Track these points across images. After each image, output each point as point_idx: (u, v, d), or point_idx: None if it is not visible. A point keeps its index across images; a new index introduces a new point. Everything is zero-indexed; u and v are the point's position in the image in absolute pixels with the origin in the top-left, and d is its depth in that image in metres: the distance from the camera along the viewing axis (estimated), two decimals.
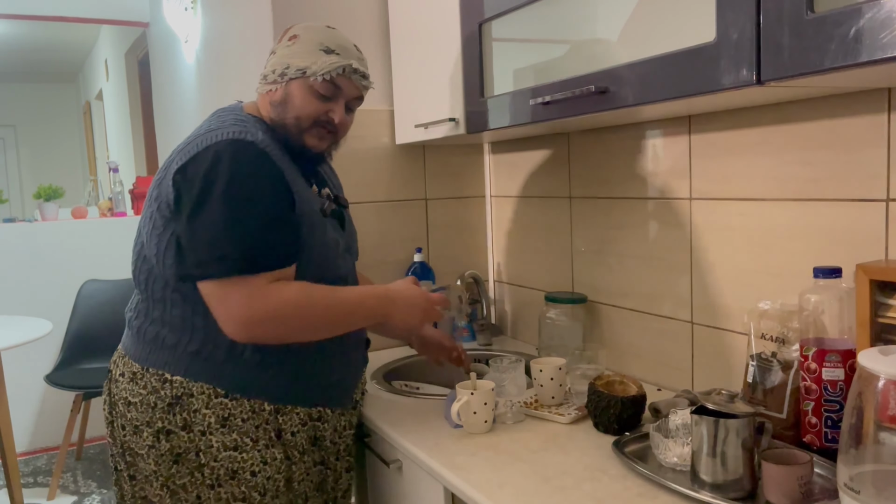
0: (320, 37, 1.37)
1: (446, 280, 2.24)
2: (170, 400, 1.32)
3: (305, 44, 1.36)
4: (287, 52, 1.37)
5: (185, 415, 1.31)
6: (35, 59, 6.92)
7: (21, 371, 3.61)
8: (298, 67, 1.34)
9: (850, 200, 1.23)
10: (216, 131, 1.29)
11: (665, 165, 1.59)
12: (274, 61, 1.38)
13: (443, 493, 1.29)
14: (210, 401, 1.31)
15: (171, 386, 1.32)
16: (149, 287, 1.35)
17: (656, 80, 1.14)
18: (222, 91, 2.76)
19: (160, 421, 1.32)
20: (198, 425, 1.31)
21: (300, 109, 1.36)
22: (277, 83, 1.37)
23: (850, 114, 1.21)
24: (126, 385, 1.37)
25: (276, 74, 1.37)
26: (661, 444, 1.18)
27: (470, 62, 1.67)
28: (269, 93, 1.38)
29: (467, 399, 1.37)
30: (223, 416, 1.32)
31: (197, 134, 1.32)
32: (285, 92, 1.36)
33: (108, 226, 4.09)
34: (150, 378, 1.34)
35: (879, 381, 0.88)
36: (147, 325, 1.36)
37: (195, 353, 1.32)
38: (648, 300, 1.67)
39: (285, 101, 1.36)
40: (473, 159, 2.29)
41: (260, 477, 1.34)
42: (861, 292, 1.09)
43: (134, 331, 1.38)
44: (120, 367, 1.40)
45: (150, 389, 1.33)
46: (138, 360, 1.36)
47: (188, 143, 1.30)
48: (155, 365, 1.33)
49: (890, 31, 0.80)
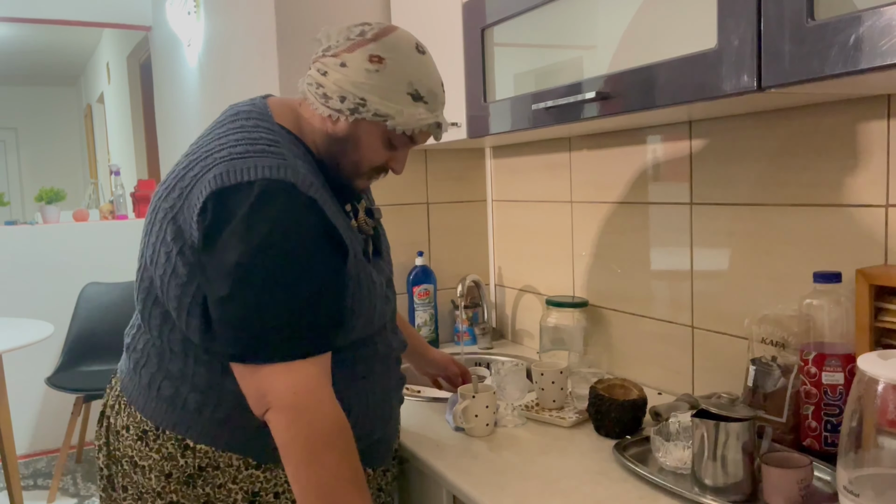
0: (411, 73, 1.12)
1: (447, 283, 2.25)
2: (191, 471, 1.11)
3: (391, 77, 1.10)
4: (365, 79, 1.09)
5: (209, 489, 1.12)
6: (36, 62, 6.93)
7: (22, 373, 3.61)
8: (378, 112, 1.10)
9: (850, 206, 1.23)
10: (247, 160, 1.03)
11: (666, 170, 1.60)
12: (343, 82, 1.10)
13: (445, 495, 1.29)
14: (239, 474, 1.12)
15: (193, 455, 1.11)
16: (163, 334, 1.12)
17: (658, 85, 1.15)
18: (225, 94, 2.77)
19: (174, 493, 1.12)
20: (221, 502, 1.12)
21: (364, 156, 1.15)
22: (344, 115, 1.11)
23: (850, 120, 1.22)
24: (133, 443, 1.15)
25: (344, 105, 1.10)
26: (662, 448, 1.19)
27: (472, 67, 1.68)
28: (329, 119, 1.12)
29: (469, 402, 1.38)
30: (252, 491, 1.12)
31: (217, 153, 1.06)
32: (352, 131, 1.13)
33: (109, 229, 4.10)
34: (165, 441, 1.12)
35: (879, 385, 0.88)
36: (161, 378, 1.13)
37: (224, 419, 1.11)
38: (649, 304, 1.68)
39: (348, 140, 1.13)
40: (475, 163, 2.30)
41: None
42: (861, 297, 1.09)
43: (143, 379, 1.15)
44: (123, 417, 1.17)
45: (166, 455, 1.12)
46: (151, 417, 1.13)
47: (208, 168, 1.04)
48: (174, 428, 1.12)
49: (889, 38, 0.81)
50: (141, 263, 1.14)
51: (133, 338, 1.20)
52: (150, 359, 1.15)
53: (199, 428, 1.11)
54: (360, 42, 1.10)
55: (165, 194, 1.10)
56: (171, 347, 1.12)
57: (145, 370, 1.15)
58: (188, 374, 1.11)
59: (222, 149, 1.06)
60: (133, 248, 1.29)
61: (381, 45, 1.11)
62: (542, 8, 1.43)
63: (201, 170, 1.05)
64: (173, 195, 1.08)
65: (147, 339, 1.16)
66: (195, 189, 1.04)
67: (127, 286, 3.86)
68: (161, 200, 1.10)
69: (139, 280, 1.15)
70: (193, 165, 1.07)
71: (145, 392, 1.14)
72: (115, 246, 4.03)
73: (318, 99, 1.12)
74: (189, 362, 1.11)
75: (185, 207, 1.05)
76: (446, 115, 1.81)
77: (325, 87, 1.11)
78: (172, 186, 1.09)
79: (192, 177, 1.06)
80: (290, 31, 2.01)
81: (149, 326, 1.14)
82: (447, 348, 2.15)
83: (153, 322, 1.13)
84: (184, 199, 1.06)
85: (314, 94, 1.12)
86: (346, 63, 1.10)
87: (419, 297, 2.15)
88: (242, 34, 2.42)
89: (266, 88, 2.13)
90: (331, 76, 1.11)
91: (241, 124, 1.11)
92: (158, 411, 1.13)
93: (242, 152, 1.04)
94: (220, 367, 1.09)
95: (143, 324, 1.16)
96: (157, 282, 1.09)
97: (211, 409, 1.11)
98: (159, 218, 1.09)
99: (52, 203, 4.07)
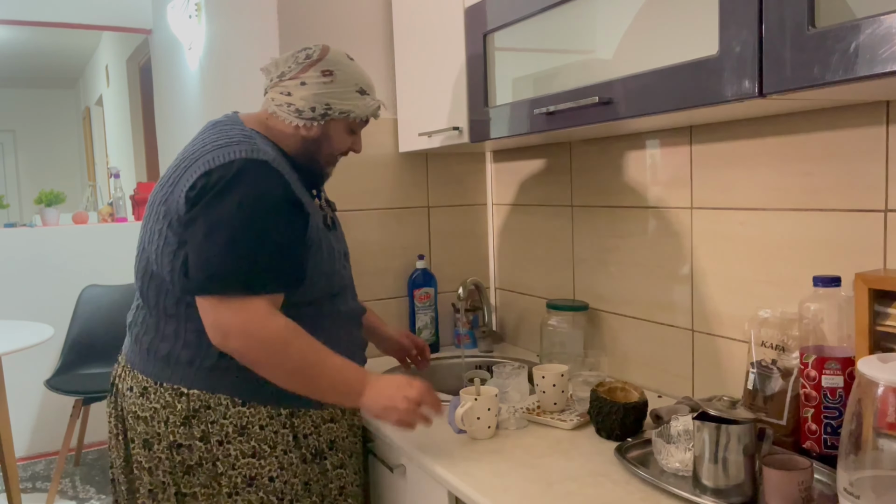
0: (354, 77, 1.42)
1: (448, 286, 2.26)
2: (186, 413, 1.32)
3: (342, 84, 1.40)
4: (325, 90, 1.38)
5: (203, 427, 1.33)
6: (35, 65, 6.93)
7: (21, 376, 3.61)
8: (342, 110, 1.40)
9: (850, 211, 1.25)
10: (228, 148, 1.29)
11: (666, 175, 1.61)
12: (309, 97, 1.38)
13: (447, 497, 1.30)
14: (228, 411, 1.33)
15: (187, 399, 1.32)
16: (159, 303, 1.34)
17: (659, 91, 1.16)
18: (226, 98, 2.77)
19: (172, 434, 1.33)
20: (215, 436, 1.33)
21: (335, 146, 1.45)
22: (316, 121, 1.39)
23: (850, 126, 1.23)
24: (135, 400, 1.36)
25: (315, 113, 1.39)
26: (664, 450, 1.20)
27: (474, 72, 1.69)
28: (303, 127, 1.40)
29: (471, 404, 1.39)
30: (241, 425, 1.33)
31: (201, 149, 1.32)
32: (323, 131, 1.41)
33: (108, 231, 4.10)
34: (163, 392, 1.34)
35: (879, 388, 0.90)
36: (158, 341, 1.35)
37: (212, 367, 1.32)
38: (649, 308, 1.69)
39: (322, 138, 1.42)
40: (476, 167, 2.31)
41: (278, 482, 1.36)
42: (860, 301, 1.11)
43: (142, 347, 1.37)
44: (127, 381, 1.39)
45: (164, 404, 1.33)
46: (150, 375, 1.35)
47: (196, 159, 1.30)
48: (170, 380, 1.34)
49: (889, 46, 0.83)
50: (140, 247, 1.38)
51: (133, 316, 1.43)
52: (148, 328, 1.37)
53: (192, 377, 1.33)
54: (310, 63, 1.39)
55: (159, 190, 1.35)
56: (167, 312, 1.34)
57: (145, 338, 1.37)
58: (181, 332, 1.33)
59: (205, 145, 1.32)
60: (133, 250, 1.42)
61: (327, 62, 1.40)
62: (544, 13, 1.44)
63: (189, 163, 1.31)
64: (167, 186, 1.33)
65: (145, 313, 1.38)
66: (184, 176, 1.29)
67: (126, 288, 3.86)
68: (157, 194, 1.35)
69: (138, 261, 1.38)
70: (182, 163, 1.33)
71: (145, 356, 1.37)
72: (115, 248, 4.03)
73: (292, 114, 1.39)
74: (181, 322, 1.33)
75: (175, 191, 1.29)
76: (446, 120, 1.84)
77: (294, 104, 1.39)
78: (166, 182, 1.34)
79: (181, 169, 1.31)
80: (293, 36, 2.02)
81: (146, 299, 1.37)
82: (448, 351, 2.16)
83: (150, 293, 1.36)
84: (174, 186, 1.30)
85: (286, 111, 1.40)
86: (306, 81, 1.39)
87: (420, 300, 2.15)
88: (244, 38, 2.42)
89: None
90: (296, 94, 1.39)
91: (220, 129, 1.38)
92: (156, 369, 1.35)
93: (224, 144, 1.31)
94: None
95: (142, 299, 1.38)
96: (153, 256, 1.32)
97: (200, 360, 1.33)
98: (155, 207, 1.34)
99: (52, 205, 4.07)
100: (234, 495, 1.34)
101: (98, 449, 3.97)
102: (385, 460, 1.53)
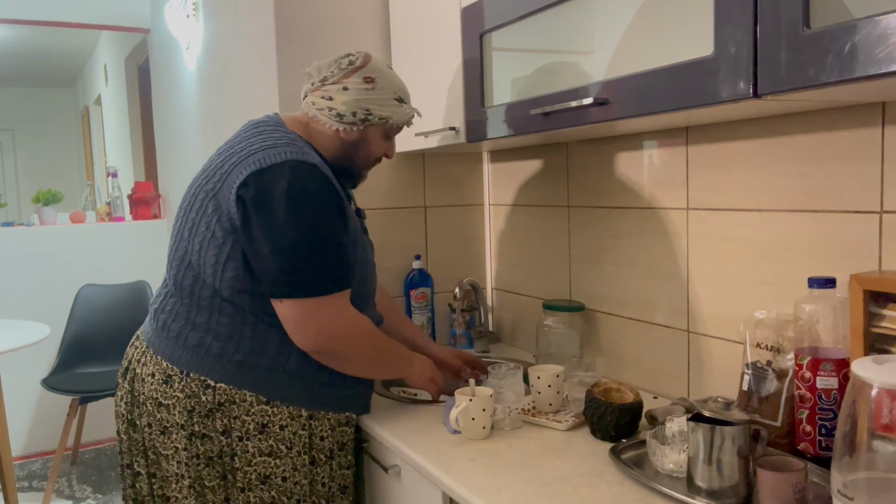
0: (393, 85, 1.49)
1: (444, 286, 2.25)
2: (211, 406, 1.36)
3: (382, 91, 1.47)
4: (366, 96, 1.45)
5: (226, 420, 1.37)
6: (34, 64, 6.93)
7: (18, 375, 3.61)
8: (381, 116, 1.47)
9: (845, 212, 1.24)
10: (278, 149, 1.33)
11: (662, 176, 1.61)
12: (350, 101, 1.44)
13: (441, 498, 1.30)
14: (251, 408, 1.37)
15: (213, 392, 1.36)
16: (194, 293, 1.38)
17: (655, 92, 1.16)
18: (224, 97, 2.77)
19: (197, 425, 1.36)
20: (236, 431, 1.37)
21: (372, 150, 1.52)
22: (356, 126, 1.46)
23: (845, 127, 1.23)
24: (158, 386, 1.39)
25: (356, 118, 1.45)
26: (658, 451, 1.19)
27: (470, 72, 1.69)
28: (344, 131, 1.46)
29: (466, 405, 1.38)
30: (262, 423, 1.38)
31: (248, 148, 1.35)
32: (362, 135, 1.48)
33: (106, 230, 4.09)
34: (189, 382, 1.37)
35: (873, 389, 0.89)
36: (188, 330, 1.38)
37: (241, 362, 1.36)
38: (645, 309, 1.69)
39: (360, 143, 1.49)
40: (472, 168, 2.31)
41: (289, 482, 1.41)
42: (855, 302, 1.10)
43: (171, 334, 1.40)
44: (149, 366, 1.41)
45: (189, 394, 1.36)
46: (176, 363, 1.38)
47: (245, 157, 1.33)
48: (197, 371, 1.37)
49: (884, 47, 0.82)
50: (177, 238, 1.42)
51: (160, 303, 1.45)
52: (177, 316, 1.40)
53: (220, 370, 1.36)
54: (353, 69, 1.45)
55: (204, 182, 1.38)
56: (201, 303, 1.37)
57: (174, 325, 1.40)
58: (212, 324, 1.37)
59: (252, 145, 1.36)
60: (130, 249, 1.45)
61: (369, 69, 1.46)
62: (541, 14, 1.44)
63: (237, 160, 1.34)
64: (213, 180, 1.36)
65: (175, 301, 1.42)
66: (233, 174, 1.33)
67: (123, 288, 3.86)
68: (199, 187, 1.39)
69: (174, 251, 1.42)
70: (228, 159, 1.36)
71: (173, 344, 1.39)
72: (112, 248, 4.03)
73: (333, 118, 1.45)
74: (214, 314, 1.37)
75: (223, 187, 1.33)
76: (443, 120, 1.84)
77: (336, 108, 1.44)
78: (211, 175, 1.37)
79: (229, 165, 1.35)
80: (290, 35, 2.02)
81: (180, 287, 1.40)
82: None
83: (185, 282, 1.39)
84: (222, 182, 1.34)
85: (327, 115, 1.45)
86: (348, 87, 1.44)
87: (416, 300, 2.15)
88: (242, 37, 2.42)
89: (265, 91, 2.14)
90: (337, 98, 1.44)
91: (263, 129, 1.42)
92: (184, 357, 1.37)
93: (271, 145, 1.35)
94: (240, 318, 1.36)
95: (174, 287, 1.42)
96: (196, 247, 1.36)
97: (231, 353, 1.36)
98: (199, 198, 1.37)
99: (50, 204, 4.07)
100: (247, 491, 1.38)
101: (94, 448, 3.97)
102: (379, 460, 1.53)
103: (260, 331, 1.37)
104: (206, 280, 1.36)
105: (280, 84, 2.01)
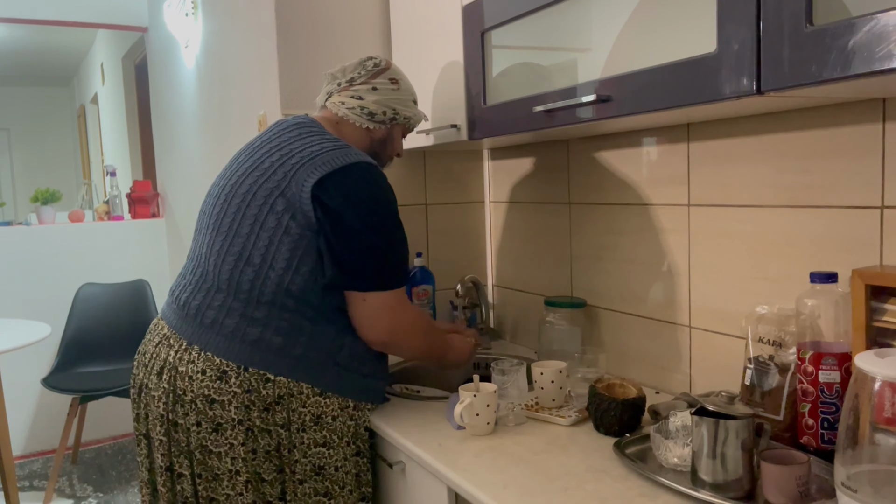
0: (410, 88, 1.64)
1: (446, 283, 2.26)
2: (270, 399, 1.39)
3: (404, 93, 1.61)
4: (393, 96, 1.58)
5: (285, 413, 1.40)
6: (30, 63, 6.91)
7: (18, 374, 3.61)
8: (406, 116, 1.61)
9: (846, 207, 1.25)
10: (342, 150, 1.42)
11: (664, 172, 1.62)
12: (380, 101, 1.56)
13: (447, 493, 1.31)
14: (308, 399, 1.41)
15: (274, 386, 1.39)
16: (254, 289, 1.40)
17: (658, 89, 1.16)
18: (224, 96, 2.77)
19: (256, 419, 1.38)
20: (295, 423, 1.41)
21: (394, 148, 1.65)
22: (385, 124, 1.59)
23: (846, 123, 1.24)
24: (210, 383, 1.37)
25: (385, 117, 1.58)
26: (662, 445, 1.20)
27: (471, 70, 1.70)
28: (374, 130, 1.59)
29: (470, 401, 1.39)
30: (316, 415, 1.42)
31: (308, 148, 1.42)
32: (388, 133, 1.61)
33: (105, 229, 4.09)
34: (248, 377, 1.38)
35: (876, 382, 0.90)
36: (246, 325, 1.39)
37: (300, 356, 1.40)
38: (647, 305, 1.70)
39: (386, 140, 1.62)
40: (473, 165, 2.32)
41: (340, 472, 1.46)
42: (857, 297, 1.11)
43: (224, 329, 1.39)
44: (197, 363, 1.38)
45: (248, 388, 1.37)
46: (233, 358, 1.38)
47: (311, 157, 1.40)
48: (257, 365, 1.38)
49: (886, 44, 0.83)
50: (228, 235, 1.43)
51: (202, 301, 1.44)
52: (230, 312, 1.41)
53: (279, 363, 1.39)
54: (379, 71, 1.58)
55: (263, 181, 1.42)
56: (259, 298, 1.40)
57: (227, 321, 1.40)
58: (272, 319, 1.39)
59: (311, 145, 1.43)
60: (129, 248, 1.44)
61: (392, 72, 1.60)
62: (542, 11, 1.44)
63: (300, 160, 1.41)
64: (276, 177, 1.41)
65: (224, 297, 1.42)
66: (300, 172, 1.38)
67: (122, 286, 3.86)
68: (259, 186, 1.42)
69: (225, 248, 1.43)
70: (289, 158, 1.42)
71: (227, 340, 1.39)
72: (111, 247, 4.03)
73: (364, 117, 1.56)
74: (275, 309, 1.39)
75: (292, 185, 1.38)
76: (444, 117, 1.85)
77: (368, 108, 1.56)
78: (272, 173, 1.41)
79: (292, 164, 1.40)
80: (291, 32, 2.02)
81: (236, 283, 1.41)
82: None
83: (242, 279, 1.40)
84: (290, 179, 1.39)
85: (358, 114, 1.56)
86: (377, 87, 1.57)
87: (418, 297, 2.16)
88: (242, 36, 2.42)
89: (265, 89, 2.14)
90: (367, 98, 1.56)
91: (310, 130, 1.49)
92: (243, 352, 1.38)
93: (330, 147, 1.42)
94: (300, 313, 1.40)
95: (222, 284, 1.42)
96: (263, 243, 1.39)
97: (291, 347, 1.40)
98: (262, 195, 1.41)
99: (48, 204, 4.06)
100: (304, 483, 1.42)
101: (95, 447, 3.97)
102: (385, 457, 1.54)
103: (319, 325, 1.42)
104: (269, 276, 1.39)
105: (281, 82, 2.02)
